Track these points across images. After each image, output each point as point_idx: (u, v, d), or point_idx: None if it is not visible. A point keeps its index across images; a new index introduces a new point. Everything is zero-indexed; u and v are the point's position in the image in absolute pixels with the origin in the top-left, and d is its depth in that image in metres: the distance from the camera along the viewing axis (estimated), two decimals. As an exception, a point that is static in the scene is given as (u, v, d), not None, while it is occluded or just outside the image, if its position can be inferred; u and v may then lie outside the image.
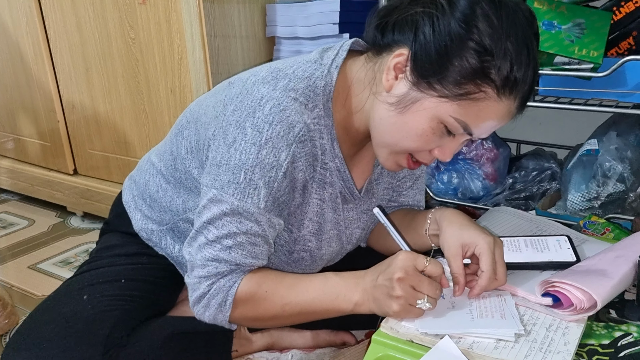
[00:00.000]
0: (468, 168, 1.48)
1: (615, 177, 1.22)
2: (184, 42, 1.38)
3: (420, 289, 0.76)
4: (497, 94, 0.74)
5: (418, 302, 0.75)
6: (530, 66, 0.75)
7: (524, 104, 0.79)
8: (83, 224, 1.86)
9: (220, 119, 0.84)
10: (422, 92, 0.77)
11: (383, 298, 0.77)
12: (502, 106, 0.76)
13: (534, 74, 0.77)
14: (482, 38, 0.73)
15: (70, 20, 1.61)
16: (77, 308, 0.90)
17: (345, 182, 0.91)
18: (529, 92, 0.78)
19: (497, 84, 0.74)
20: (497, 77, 0.73)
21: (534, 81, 0.77)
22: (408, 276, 0.75)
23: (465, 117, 0.76)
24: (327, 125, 0.85)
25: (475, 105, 0.75)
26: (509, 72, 0.73)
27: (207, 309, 0.86)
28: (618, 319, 0.80)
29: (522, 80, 0.75)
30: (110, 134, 1.68)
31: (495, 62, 0.73)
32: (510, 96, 0.75)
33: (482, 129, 0.79)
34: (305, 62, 0.86)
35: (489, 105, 0.75)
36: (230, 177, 0.81)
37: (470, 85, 0.74)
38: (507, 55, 0.73)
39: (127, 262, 1.02)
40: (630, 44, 1.17)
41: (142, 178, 1.06)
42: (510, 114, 0.79)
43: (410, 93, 0.78)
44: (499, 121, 0.78)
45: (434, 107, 0.77)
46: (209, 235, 0.83)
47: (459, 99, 0.75)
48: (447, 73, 0.74)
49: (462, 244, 0.84)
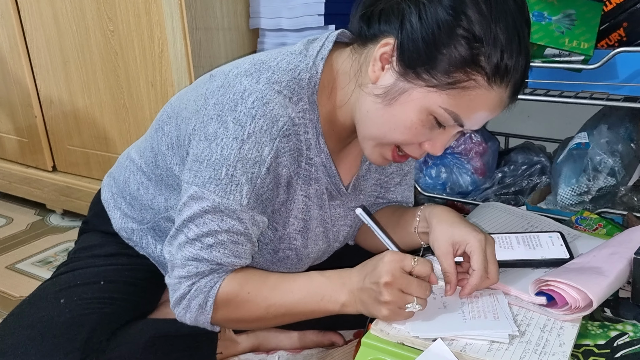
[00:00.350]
0: (456, 162, 1.46)
1: (606, 171, 1.21)
2: (164, 34, 1.34)
3: (409, 291, 0.73)
4: (487, 82, 0.72)
5: (407, 306, 0.73)
6: (522, 53, 0.73)
7: (516, 93, 0.76)
8: (63, 222, 1.82)
9: (201, 113, 0.81)
10: (410, 82, 0.74)
11: (371, 302, 0.75)
12: (493, 95, 0.73)
13: (526, 62, 0.74)
14: (471, 25, 0.70)
15: (47, 12, 1.56)
16: (54, 312, 0.87)
17: (332, 177, 0.88)
18: (521, 81, 0.75)
19: (487, 71, 0.71)
20: (487, 65, 0.71)
21: (526, 69, 0.75)
22: (395, 280, 0.72)
23: (456, 108, 0.74)
24: (312, 119, 0.82)
25: (465, 94, 0.73)
26: (500, 59, 0.71)
27: (188, 310, 0.83)
28: (613, 317, 0.79)
29: (513, 67, 0.72)
30: (89, 130, 1.64)
31: (485, 50, 0.70)
32: (502, 84, 0.73)
33: (474, 120, 0.76)
34: (289, 54, 0.83)
35: (479, 95, 0.73)
36: (212, 173, 0.78)
37: (460, 73, 0.71)
38: (498, 42, 0.70)
39: (107, 263, 0.99)
40: (620, 35, 1.16)
41: (122, 175, 1.03)
42: (502, 104, 0.76)
43: (398, 84, 0.75)
44: (491, 111, 0.76)
45: (423, 97, 0.74)
46: (189, 234, 0.80)
47: (449, 89, 0.72)
48: (435, 62, 0.72)
49: (452, 242, 0.82)
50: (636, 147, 1.25)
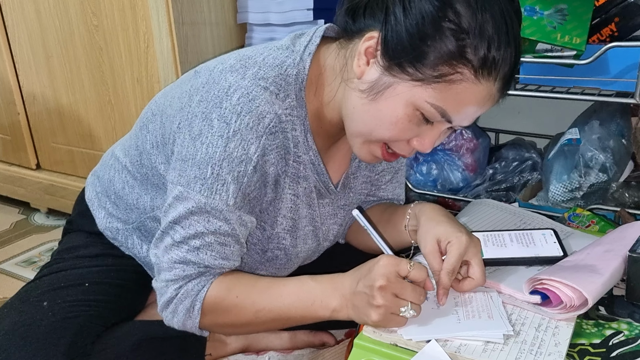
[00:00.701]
0: (447, 159, 1.45)
1: (598, 167, 1.20)
2: (150, 29, 1.31)
3: (404, 296, 0.71)
4: (474, 75, 0.70)
5: (401, 310, 0.70)
6: (511, 45, 0.70)
7: (506, 87, 0.74)
8: (48, 221, 1.78)
9: (186, 111, 0.79)
10: (395, 76, 0.72)
11: (363, 306, 0.72)
12: (481, 89, 0.71)
13: (516, 54, 0.72)
14: (457, 16, 0.68)
15: (29, 7, 1.52)
16: (37, 316, 0.85)
17: (320, 175, 0.87)
18: (510, 73, 0.72)
19: (474, 64, 0.69)
20: (473, 57, 0.69)
21: (516, 61, 0.72)
22: (390, 284, 0.70)
23: (443, 102, 0.71)
24: (300, 116, 0.80)
25: (452, 88, 0.70)
26: (487, 51, 0.68)
27: (175, 314, 0.81)
28: (608, 316, 0.78)
29: (501, 59, 0.70)
30: (74, 127, 1.61)
31: (472, 41, 0.68)
32: (490, 77, 0.70)
33: (462, 116, 0.74)
34: (276, 49, 0.81)
35: (466, 88, 0.70)
36: (197, 172, 0.76)
37: (445, 66, 0.69)
38: (484, 34, 0.68)
39: (91, 264, 0.97)
40: (612, 30, 1.15)
41: (107, 174, 1.01)
42: (491, 98, 0.73)
43: (383, 78, 0.73)
44: (480, 106, 0.73)
45: (408, 92, 0.72)
46: (175, 236, 0.78)
47: (434, 82, 0.70)
48: (420, 55, 0.70)
49: (437, 240, 0.81)
50: (627, 143, 1.24)
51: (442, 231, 0.80)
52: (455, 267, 0.77)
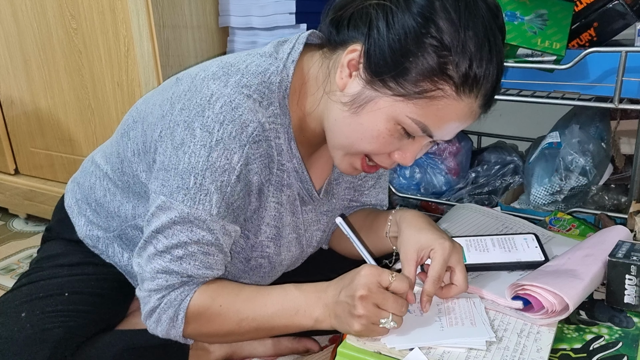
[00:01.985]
0: (430, 163, 1.46)
1: (578, 171, 1.21)
2: (130, 32, 1.30)
3: (385, 307, 0.70)
4: (455, 92, 0.70)
5: (382, 322, 0.70)
6: (493, 62, 0.70)
7: (488, 103, 0.74)
8: (27, 227, 1.75)
9: (167, 119, 0.78)
10: (377, 90, 0.72)
11: (344, 316, 0.72)
12: (462, 105, 0.71)
13: (498, 71, 0.72)
14: (439, 32, 0.68)
15: (5, 9, 1.49)
16: (14, 327, 0.83)
17: (304, 183, 0.86)
18: (492, 90, 0.73)
19: (455, 81, 0.69)
20: (455, 74, 0.69)
21: (498, 78, 0.72)
22: (371, 294, 0.70)
23: (424, 118, 0.71)
24: (283, 124, 0.79)
25: (433, 104, 0.70)
26: (468, 68, 0.69)
27: (159, 324, 0.80)
28: (588, 320, 0.78)
29: (483, 76, 0.70)
30: (53, 131, 1.58)
31: (453, 58, 0.68)
32: (471, 94, 0.70)
33: (443, 131, 0.74)
34: (259, 56, 0.80)
35: (448, 105, 0.70)
36: (180, 182, 0.75)
37: (427, 83, 0.69)
38: (466, 51, 0.68)
39: (71, 273, 0.95)
40: (591, 35, 1.16)
41: (87, 181, 0.99)
42: (472, 114, 0.74)
43: (365, 92, 0.73)
44: (461, 122, 0.74)
45: (389, 106, 0.72)
46: (158, 246, 0.77)
47: (415, 98, 0.70)
48: (402, 70, 0.69)
49: (418, 248, 0.80)
50: (607, 146, 1.26)
51: (424, 239, 0.80)
52: (440, 274, 0.77)
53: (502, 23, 0.74)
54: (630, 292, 0.78)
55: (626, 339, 0.74)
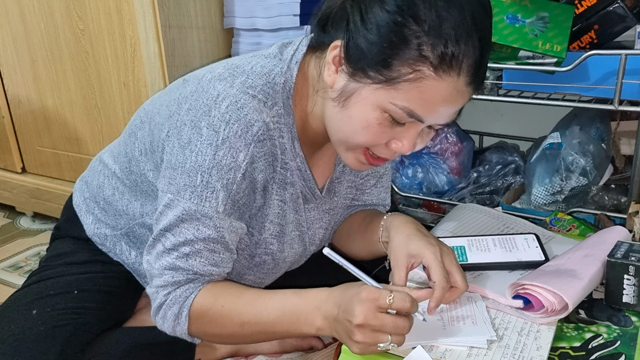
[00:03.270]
0: (432, 162, 1.47)
1: (578, 171, 1.23)
2: (136, 33, 1.31)
3: (384, 330, 0.69)
4: (434, 72, 0.69)
5: (380, 346, 0.69)
6: (473, 37, 0.69)
7: (476, 80, 0.72)
8: (34, 225, 1.77)
9: (175, 119, 0.80)
10: (359, 81, 0.73)
11: (344, 337, 0.72)
12: (445, 85, 0.70)
13: (481, 46, 0.70)
14: (412, 16, 0.68)
15: (13, 9, 1.51)
16: (26, 325, 0.85)
17: (307, 181, 0.88)
18: (476, 67, 0.71)
19: (432, 61, 0.68)
20: (431, 54, 0.68)
21: (481, 54, 0.70)
22: (368, 322, 0.69)
23: (408, 102, 0.71)
24: (287, 124, 0.81)
25: (415, 87, 0.70)
26: (444, 47, 0.68)
27: (165, 320, 0.82)
28: (587, 319, 0.80)
29: (461, 54, 0.69)
30: (60, 130, 1.60)
31: (428, 39, 0.68)
32: (452, 72, 0.69)
33: (434, 114, 0.73)
34: (264, 58, 0.82)
35: (430, 86, 0.70)
36: (187, 180, 0.77)
37: (405, 67, 0.69)
38: (441, 30, 0.67)
39: (80, 271, 0.97)
40: (591, 37, 1.17)
41: (96, 180, 1.01)
42: (460, 93, 0.72)
43: (349, 84, 0.74)
44: (449, 102, 0.72)
45: (372, 95, 0.72)
46: (166, 243, 0.79)
47: (395, 83, 0.70)
48: (378, 57, 0.70)
49: (408, 255, 0.81)
50: (607, 147, 1.27)
51: (413, 246, 0.81)
52: (445, 278, 0.77)
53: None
54: (629, 291, 0.80)
55: (624, 338, 0.75)
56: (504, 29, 1.11)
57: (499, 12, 1.12)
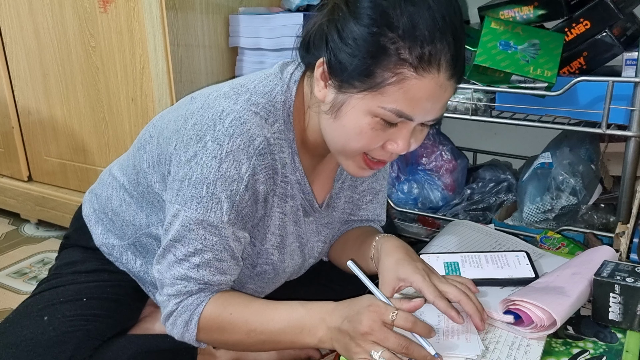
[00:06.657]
0: (428, 179, 1.52)
1: (568, 191, 1.27)
2: (146, 51, 1.36)
3: (385, 344, 0.73)
4: (415, 72, 0.72)
5: (372, 354, 0.73)
6: (447, 35, 0.72)
7: (456, 73, 0.76)
8: (38, 232, 1.80)
9: (181, 133, 0.84)
10: (346, 92, 0.77)
11: (343, 349, 0.76)
12: (426, 82, 0.73)
13: (455, 40, 0.73)
14: (386, 24, 0.72)
15: (28, 26, 1.56)
16: (38, 330, 0.89)
17: (306, 195, 0.92)
18: (454, 60, 0.74)
19: (411, 62, 0.72)
20: (409, 56, 0.72)
21: (456, 47, 0.74)
22: (373, 332, 0.73)
23: (395, 104, 0.74)
24: (287, 140, 0.86)
25: (399, 89, 0.73)
26: (420, 49, 0.71)
27: (175, 326, 0.86)
28: (575, 335, 0.83)
29: (438, 51, 0.72)
30: (67, 141, 1.64)
31: (404, 43, 0.72)
32: (431, 69, 0.73)
33: (421, 111, 0.76)
34: (266, 77, 0.87)
35: (413, 86, 0.73)
36: (193, 191, 0.81)
37: (386, 72, 0.73)
38: (415, 33, 0.71)
39: (88, 280, 1.01)
40: (581, 63, 1.22)
41: (105, 192, 1.05)
42: (443, 88, 0.75)
43: (338, 97, 0.78)
44: (433, 98, 0.75)
45: (360, 103, 0.76)
46: (177, 253, 0.83)
47: (380, 88, 0.74)
48: (361, 68, 0.74)
49: (397, 278, 0.85)
50: (596, 168, 1.31)
51: (402, 272, 0.85)
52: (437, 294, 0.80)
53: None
54: (615, 309, 0.83)
55: (610, 354, 0.78)
56: (497, 55, 1.16)
57: (492, 39, 1.17)
